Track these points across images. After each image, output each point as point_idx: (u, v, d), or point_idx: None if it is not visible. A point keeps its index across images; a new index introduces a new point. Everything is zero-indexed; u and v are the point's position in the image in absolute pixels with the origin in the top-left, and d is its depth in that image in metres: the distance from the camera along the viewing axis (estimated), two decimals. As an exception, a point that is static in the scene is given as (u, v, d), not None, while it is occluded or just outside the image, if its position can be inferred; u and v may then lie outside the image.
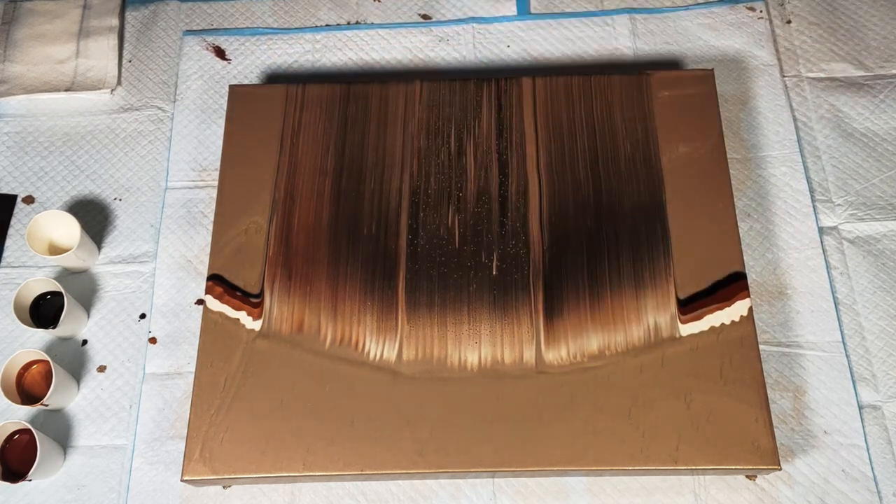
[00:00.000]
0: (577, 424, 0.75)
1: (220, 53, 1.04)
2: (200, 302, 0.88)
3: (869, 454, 0.80)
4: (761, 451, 0.73)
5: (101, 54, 1.02)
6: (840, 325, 0.85)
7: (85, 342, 0.87)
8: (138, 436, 0.83)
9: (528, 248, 0.83)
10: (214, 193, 0.89)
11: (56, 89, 1.00)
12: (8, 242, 0.93)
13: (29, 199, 0.95)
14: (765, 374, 0.78)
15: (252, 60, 1.03)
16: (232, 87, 0.93)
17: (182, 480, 0.75)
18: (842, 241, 0.89)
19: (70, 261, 0.87)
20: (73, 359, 0.86)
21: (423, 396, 0.76)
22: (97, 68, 1.01)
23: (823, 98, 0.97)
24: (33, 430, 0.76)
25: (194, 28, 1.05)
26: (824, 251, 0.89)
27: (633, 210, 0.84)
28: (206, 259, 0.85)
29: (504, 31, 1.04)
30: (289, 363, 0.78)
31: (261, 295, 0.81)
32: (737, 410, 0.75)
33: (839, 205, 0.91)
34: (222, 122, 0.92)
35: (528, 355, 0.78)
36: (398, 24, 1.05)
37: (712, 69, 0.92)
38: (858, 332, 0.85)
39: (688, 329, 0.78)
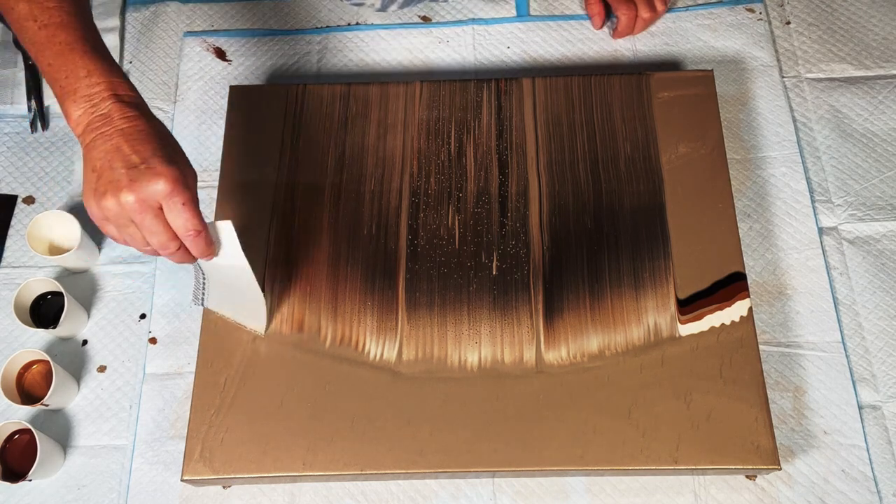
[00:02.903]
0: (577, 424, 0.75)
1: (220, 54, 1.04)
2: (200, 302, 0.88)
3: (869, 454, 0.80)
4: (761, 451, 0.73)
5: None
6: (840, 325, 0.85)
7: (85, 342, 0.87)
8: (138, 436, 0.83)
9: (528, 248, 0.83)
10: (214, 193, 0.89)
11: None
12: (8, 242, 0.93)
13: (29, 200, 0.95)
14: (765, 374, 0.78)
15: (252, 61, 1.03)
16: (232, 87, 0.93)
17: (182, 480, 0.75)
18: (841, 241, 0.89)
19: (70, 261, 0.87)
20: (73, 359, 0.86)
21: (423, 396, 0.76)
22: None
23: (823, 98, 0.97)
24: (33, 430, 0.76)
25: (195, 29, 1.05)
26: (824, 251, 0.89)
27: (633, 210, 0.84)
28: (207, 259, 0.85)
29: (504, 33, 1.04)
30: (289, 363, 0.78)
31: (261, 295, 0.81)
32: (737, 410, 0.75)
33: (839, 205, 0.91)
34: (222, 122, 0.92)
35: (528, 355, 0.78)
36: (398, 25, 1.05)
37: (712, 70, 0.92)
38: (858, 332, 0.85)
39: (688, 329, 0.78)
